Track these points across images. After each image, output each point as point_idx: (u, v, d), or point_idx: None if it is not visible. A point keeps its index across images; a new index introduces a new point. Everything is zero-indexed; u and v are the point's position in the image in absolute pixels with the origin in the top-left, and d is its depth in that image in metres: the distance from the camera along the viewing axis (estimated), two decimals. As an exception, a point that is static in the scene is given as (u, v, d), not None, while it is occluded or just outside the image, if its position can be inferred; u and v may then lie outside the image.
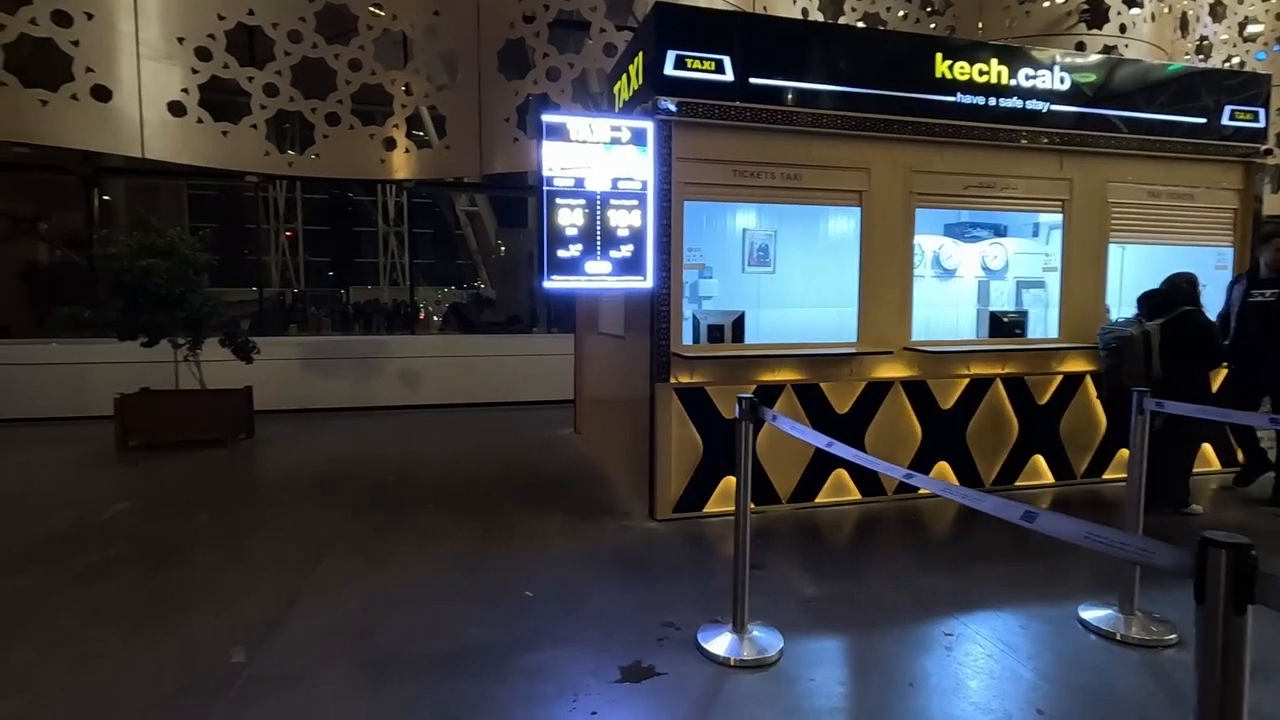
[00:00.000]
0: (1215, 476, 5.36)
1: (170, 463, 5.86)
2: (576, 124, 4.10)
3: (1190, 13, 10.62)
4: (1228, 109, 5.29)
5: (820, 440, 2.33)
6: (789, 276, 5.80)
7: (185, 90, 7.82)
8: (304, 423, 7.71)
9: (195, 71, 7.85)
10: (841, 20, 9.93)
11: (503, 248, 20.63)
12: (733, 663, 2.68)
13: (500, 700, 2.45)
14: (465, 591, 3.35)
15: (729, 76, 4.26)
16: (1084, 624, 3.01)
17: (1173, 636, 2.86)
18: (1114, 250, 5.39)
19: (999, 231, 6.10)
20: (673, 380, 4.30)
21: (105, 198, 10.69)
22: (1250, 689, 2.43)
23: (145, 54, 7.63)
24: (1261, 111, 5.40)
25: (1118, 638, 2.90)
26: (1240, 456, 5.16)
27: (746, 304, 5.48)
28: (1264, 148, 5.45)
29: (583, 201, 4.11)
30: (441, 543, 4.00)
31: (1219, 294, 5.20)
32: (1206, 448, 5.43)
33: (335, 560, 3.74)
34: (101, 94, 7.42)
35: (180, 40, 7.79)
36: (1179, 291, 4.49)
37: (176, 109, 7.80)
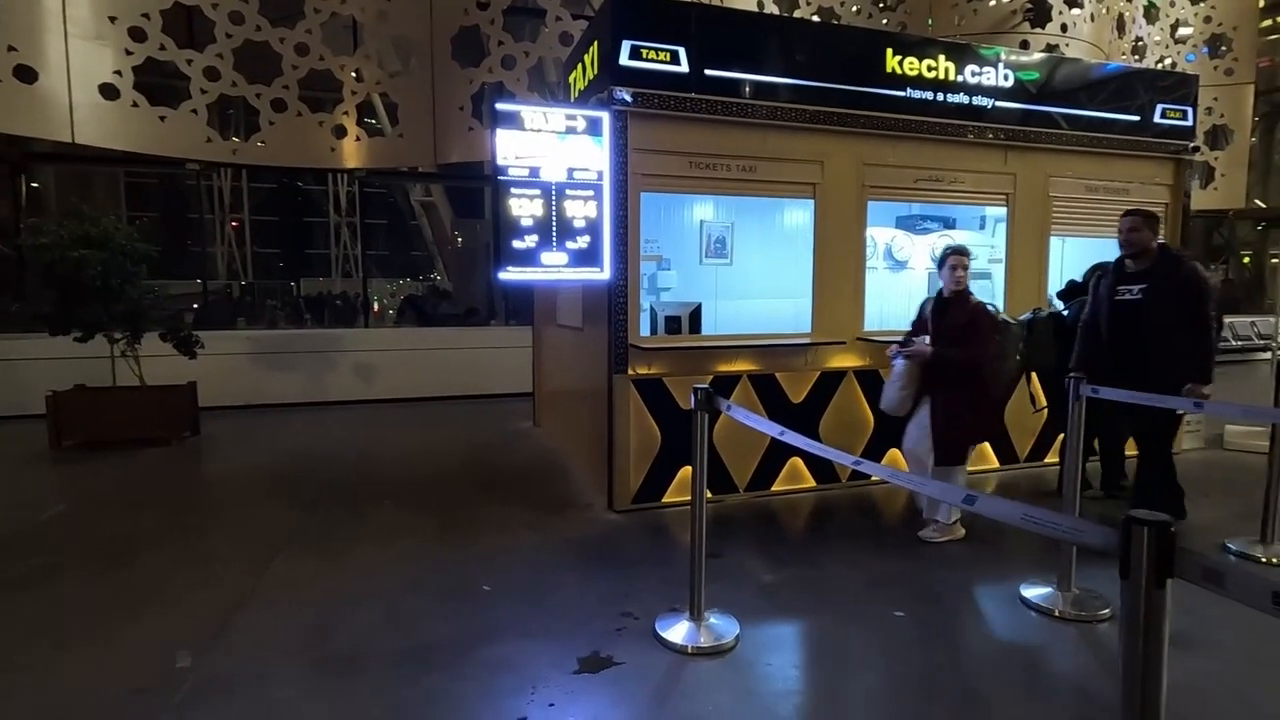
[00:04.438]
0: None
1: (109, 463, 5.62)
2: (531, 113, 4.05)
3: (1127, 14, 11.05)
4: (1159, 107, 5.54)
5: (773, 429, 2.37)
6: (746, 268, 5.87)
7: (118, 72, 7.45)
8: (253, 419, 7.49)
9: (129, 53, 7.48)
10: (796, 14, 10.02)
11: (460, 239, 20.31)
12: (690, 650, 2.72)
13: (459, 694, 2.43)
14: (424, 587, 3.31)
15: (684, 68, 4.26)
16: (1025, 602, 3.14)
17: (1106, 611, 3.00)
18: (1054, 242, 5.60)
19: (948, 224, 6.27)
20: (630, 372, 4.31)
21: (34, 185, 10.15)
22: (1178, 659, 2.57)
23: (74, 33, 7.24)
24: (1190, 110, 5.67)
25: (1056, 614, 3.03)
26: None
27: (704, 295, 5.53)
28: (1192, 145, 5.72)
29: (538, 192, 4.06)
30: (399, 539, 3.94)
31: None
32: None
33: (288, 559, 3.65)
34: (26, 75, 7.01)
35: (112, 19, 7.41)
36: (1083, 283, 4.58)
37: (109, 92, 7.43)
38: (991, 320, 3.80)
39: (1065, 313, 4.59)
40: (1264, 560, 3.60)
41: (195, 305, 11.22)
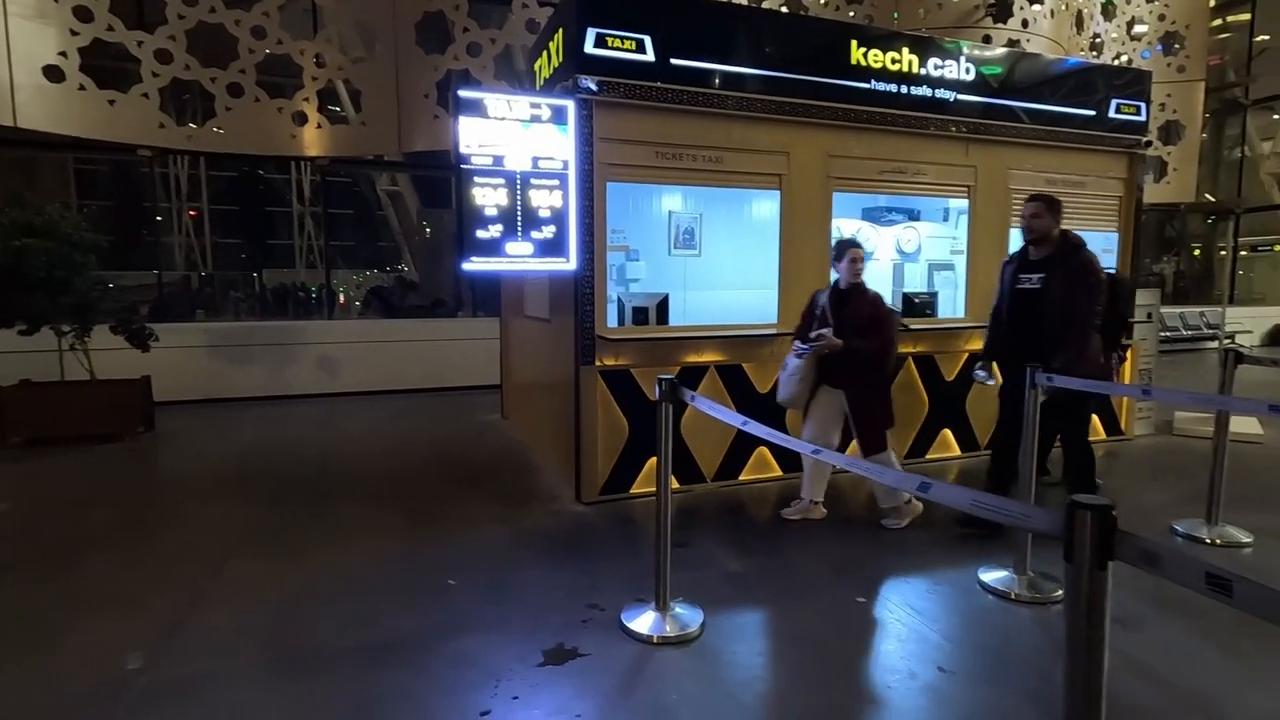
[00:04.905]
0: (1102, 445, 5.83)
1: (59, 460, 5.42)
2: (494, 100, 3.99)
3: (1085, 11, 11.30)
4: (1114, 103, 5.67)
5: (736, 420, 2.38)
6: (714, 259, 5.86)
7: (63, 54, 7.16)
8: (212, 414, 7.30)
9: (75, 33, 7.20)
10: (764, 5, 10.04)
11: (429, 229, 20.01)
12: (655, 640, 2.72)
13: (421, 690, 2.40)
14: (388, 583, 3.26)
15: (650, 56, 4.24)
16: (983, 585, 3.21)
17: (1060, 593, 3.08)
18: (1015, 235, 5.71)
19: (913, 216, 6.35)
20: (597, 363, 4.29)
21: (-26, 171, 9.73)
22: (1125, 638, 2.64)
23: (15, 11, 6.93)
24: (1143, 106, 5.82)
25: (1012, 596, 3.11)
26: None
27: (673, 286, 5.52)
28: (1145, 139, 5.88)
29: (502, 181, 4.01)
30: (363, 535, 3.88)
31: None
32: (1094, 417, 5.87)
33: (247, 557, 3.57)
34: (-37, 55, 6.71)
35: (56, -2, 7.11)
36: None
37: (54, 74, 7.13)
38: (887, 309, 3.88)
39: None
40: (1208, 541, 3.73)
41: (163, 296, 10.87)
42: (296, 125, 8.20)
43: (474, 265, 4.05)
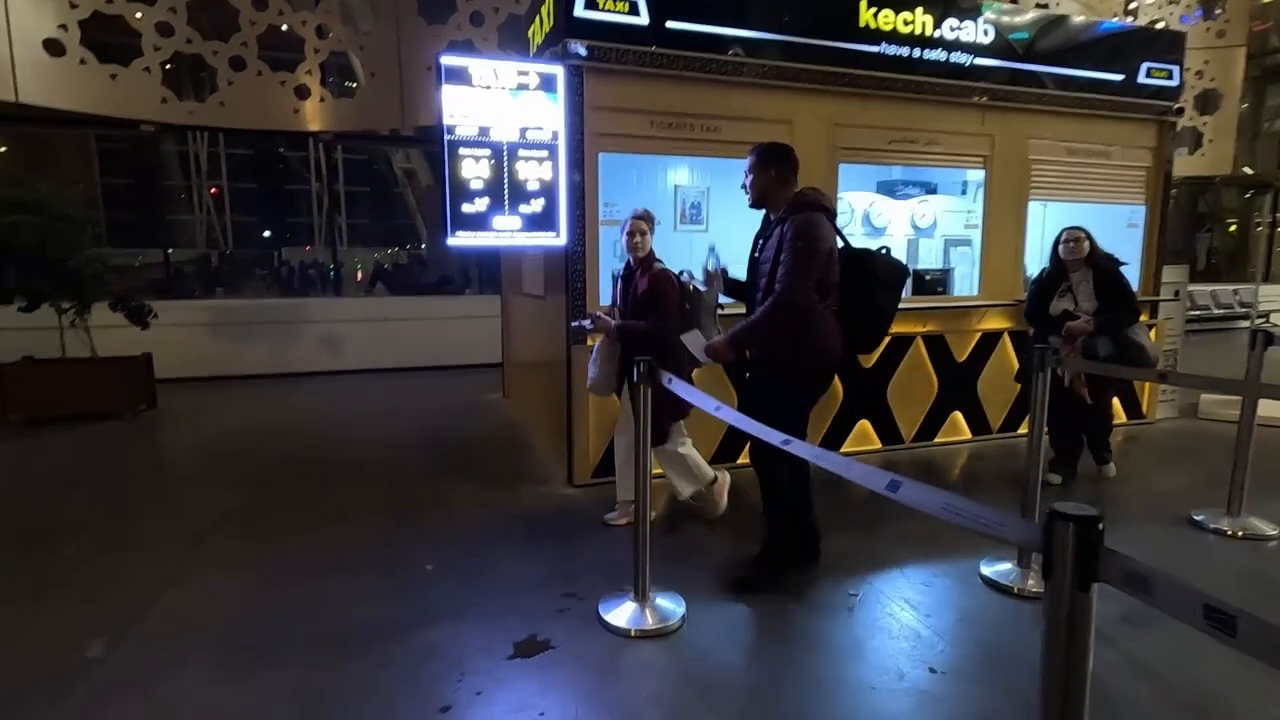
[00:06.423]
0: (1121, 428, 5.58)
1: (57, 438, 5.43)
2: (479, 68, 3.81)
3: (1120, -28, 10.72)
4: (1144, 67, 5.32)
5: (709, 405, 2.22)
6: (722, 235, 5.63)
7: (63, 27, 7.07)
8: (214, 391, 7.29)
9: (74, 6, 7.09)
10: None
11: (445, 206, 19.87)
12: (633, 633, 2.60)
13: (381, 682, 2.31)
14: (364, 568, 3.18)
15: (644, 19, 4.01)
16: (985, 579, 3.05)
17: (1066, 588, 2.91)
18: (1037, 208, 5.42)
19: (930, 189, 6.06)
20: (589, 342, 4.14)
21: (-10, 148, 9.76)
22: (1129, 639, 2.46)
23: (12, -16, 6.84)
24: (1176, 70, 5.45)
25: (1015, 591, 2.94)
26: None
27: (678, 262, 5.27)
28: (1176, 106, 5.52)
29: (488, 152, 3.84)
30: (346, 517, 3.80)
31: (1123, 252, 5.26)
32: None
33: (225, 540, 3.51)
34: (-40, 29, 6.65)
35: (53, -30, 7.01)
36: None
37: (54, 48, 7.05)
38: (675, 288, 3.45)
39: None
40: (1230, 533, 3.52)
41: (171, 274, 10.88)
42: (298, 99, 8.07)
43: (459, 240, 3.91)
